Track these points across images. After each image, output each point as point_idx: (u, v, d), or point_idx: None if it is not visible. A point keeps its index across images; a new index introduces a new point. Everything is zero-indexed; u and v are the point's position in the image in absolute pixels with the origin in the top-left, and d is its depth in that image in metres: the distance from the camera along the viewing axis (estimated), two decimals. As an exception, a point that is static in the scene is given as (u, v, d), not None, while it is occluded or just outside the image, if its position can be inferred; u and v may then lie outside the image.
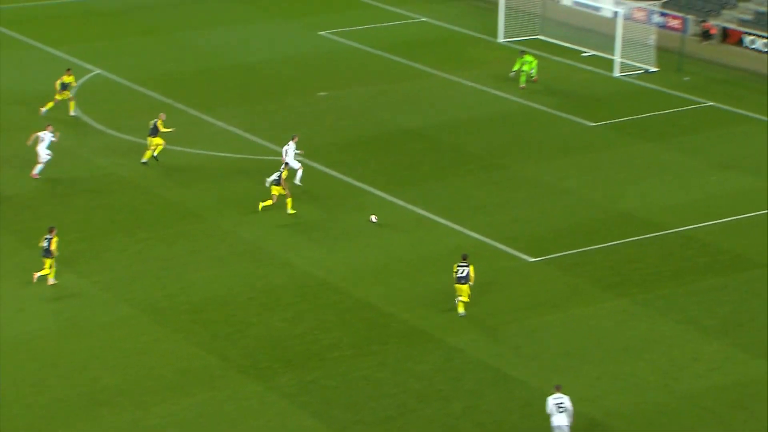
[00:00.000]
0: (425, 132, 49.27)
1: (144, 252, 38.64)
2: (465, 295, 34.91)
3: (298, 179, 43.00)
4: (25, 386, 31.46)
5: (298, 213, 41.27)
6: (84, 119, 49.24)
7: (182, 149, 46.22)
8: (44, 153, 43.21)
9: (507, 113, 51.60)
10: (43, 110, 48.63)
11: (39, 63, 56.86)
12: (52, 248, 35.89)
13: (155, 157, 44.94)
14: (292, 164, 42.84)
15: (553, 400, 29.14)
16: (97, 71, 55.55)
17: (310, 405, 30.93)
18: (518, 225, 40.77)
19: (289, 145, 43.00)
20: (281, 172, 41.16)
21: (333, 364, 32.53)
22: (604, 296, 36.20)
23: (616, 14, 57.85)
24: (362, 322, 34.67)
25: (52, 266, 36.12)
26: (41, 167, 43.45)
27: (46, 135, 43.33)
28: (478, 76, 55.87)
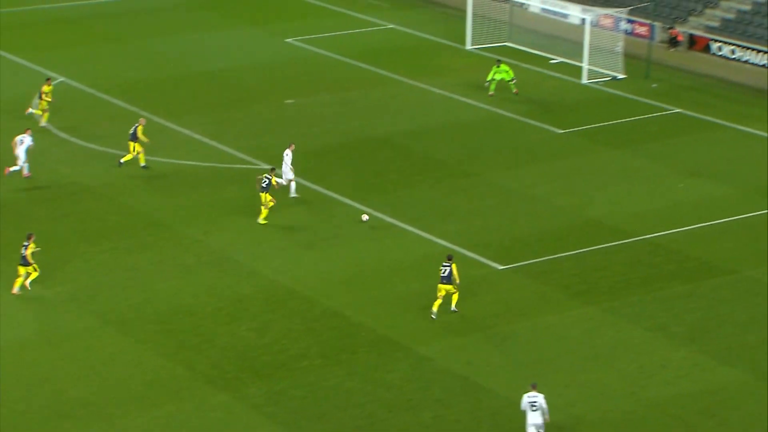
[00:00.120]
0: (393, 140, 49.17)
1: (109, 262, 38.37)
2: (442, 293, 35.01)
3: (293, 191, 42.79)
4: (-12, 399, 31.12)
5: (266, 222, 41.15)
6: (48, 127, 48.81)
7: (147, 158, 45.82)
8: (23, 155, 43.42)
9: (475, 121, 51.58)
10: (42, 123, 48.33)
11: (2, 71, 56.35)
12: (27, 255, 35.69)
13: (120, 162, 44.65)
14: (286, 174, 42.59)
15: (527, 398, 29.26)
16: (61, 79, 55.14)
17: (278, 415, 30.73)
18: (487, 232, 40.70)
19: (287, 154, 42.85)
20: (270, 178, 40.99)
21: (301, 373, 32.35)
22: (573, 304, 36.19)
23: (584, 21, 57.96)
24: (331, 331, 34.52)
25: (30, 273, 35.88)
26: (24, 167, 43.58)
27: (26, 138, 43.58)
28: (447, 84, 55.84)
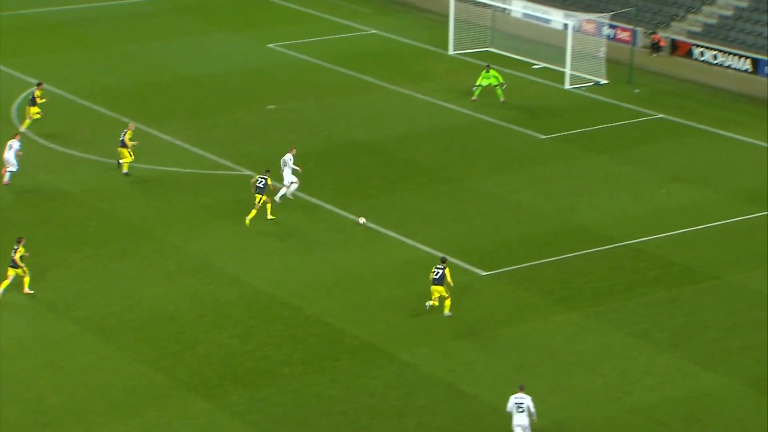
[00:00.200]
0: (376, 145, 49.05)
1: (89, 269, 38.14)
2: (436, 295, 35.07)
3: (290, 193, 42.68)
4: (-32, 407, 30.86)
5: (247, 228, 40.96)
6: (26, 133, 48.53)
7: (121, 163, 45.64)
8: (13, 160, 43.52)
9: (458, 126, 51.53)
10: (23, 131, 48.18)
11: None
12: (15, 258, 35.68)
13: (119, 163, 44.72)
14: (288, 178, 42.52)
15: (514, 399, 29.31)
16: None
17: (261, 423, 30.54)
18: (470, 238, 40.60)
19: (288, 157, 42.82)
20: (266, 179, 41.00)
21: (284, 381, 32.20)
22: (556, 310, 36.14)
23: (566, 27, 57.98)
24: (313, 337, 34.37)
25: (23, 275, 35.89)
26: (9, 174, 43.66)
27: (15, 143, 43.67)
28: (429, 89, 55.78)
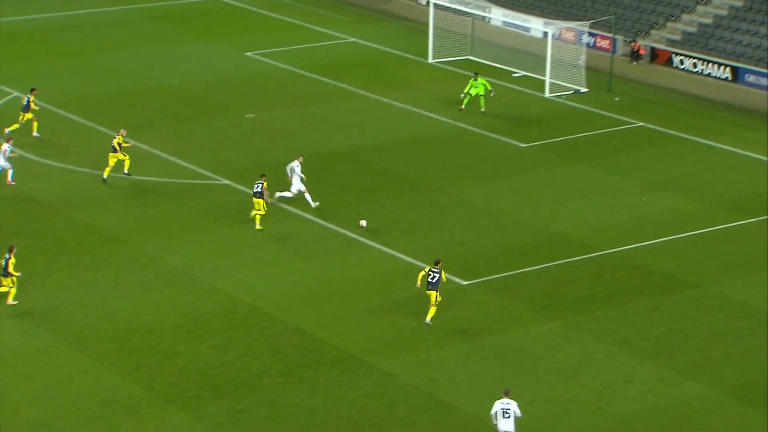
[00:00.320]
0: (355, 154, 48.89)
1: (65, 279, 37.88)
2: (433, 301, 35.19)
3: (310, 200, 42.73)
4: (-58, 420, 30.54)
5: (225, 237, 40.81)
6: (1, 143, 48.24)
7: (100, 173, 45.36)
8: (5, 163, 43.91)
9: (438, 135, 51.45)
10: (7, 133, 48.02)
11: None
12: (9, 268, 35.58)
13: (126, 173, 44.96)
14: (296, 185, 42.48)
15: (500, 405, 29.22)
16: (15, 94, 54.47)
17: (239, 435, 30.35)
18: (450, 247, 40.46)
19: (295, 164, 42.74)
20: (262, 183, 41.06)
21: (263, 391, 32.02)
22: (537, 319, 36.04)
23: (546, 35, 57.95)
24: (293, 348, 34.20)
25: (11, 286, 35.83)
26: (11, 173, 44.24)
27: (6, 147, 44.00)
28: (409, 98, 55.71)
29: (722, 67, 59.62)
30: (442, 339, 34.80)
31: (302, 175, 42.79)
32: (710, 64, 60.04)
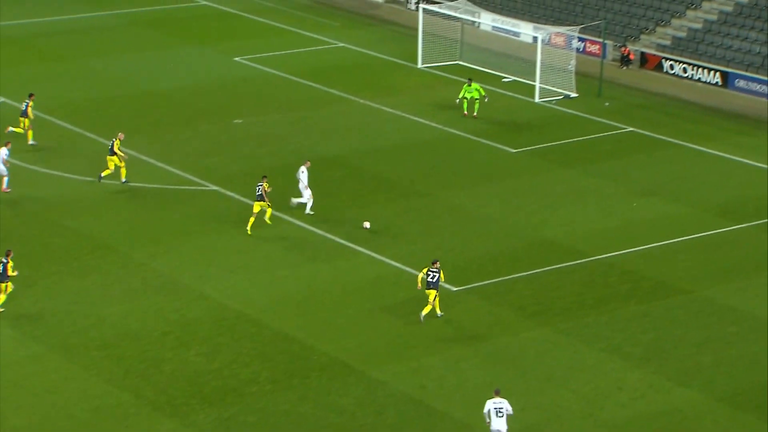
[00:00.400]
0: (345, 159, 48.75)
1: (53, 286, 37.67)
2: (431, 299, 35.30)
3: (310, 207, 42.79)
4: (-73, 429, 30.32)
5: (213, 244, 40.64)
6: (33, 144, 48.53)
7: (92, 179, 45.37)
8: (2, 168, 43.93)
9: (428, 140, 51.36)
10: (30, 141, 48.32)
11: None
12: (9, 272, 35.53)
13: (101, 177, 44.94)
14: (303, 192, 42.52)
15: (492, 404, 29.17)
16: (1, 100, 54.20)
17: (228, 443, 30.18)
18: (440, 253, 40.26)
19: (302, 171, 42.74)
20: (262, 185, 41.14)
21: (252, 399, 31.85)
22: (527, 325, 35.92)
23: (536, 40, 57.87)
24: (282, 355, 34.04)
25: (7, 289, 35.73)
26: (6, 180, 44.21)
27: (3, 151, 44.00)
28: (398, 103, 55.61)
29: (712, 72, 59.61)
30: (431, 346, 34.66)
31: (306, 183, 42.81)
32: (700, 69, 60.03)
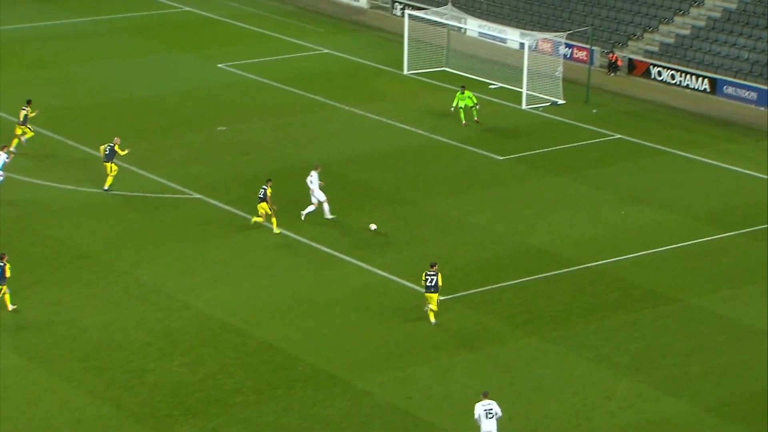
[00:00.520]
0: (330, 167, 48.34)
1: (33, 296, 37.29)
2: (434, 304, 35.20)
3: (328, 211, 42.68)
4: None
5: (196, 253, 40.35)
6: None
7: (74, 188, 45.14)
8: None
9: (414, 147, 51.15)
10: (13, 148, 47.98)
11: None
12: (6, 275, 35.44)
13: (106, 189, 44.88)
14: (318, 196, 42.49)
15: (481, 407, 29.07)
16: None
17: (211, 456, 29.89)
18: (427, 262, 39.77)
19: (313, 176, 42.67)
20: (266, 189, 41.05)
21: (236, 410, 31.56)
22: (515, 334, 35.67)
23: (522, 46, 57.65)
24: (266, 365, 33.76)
25: (5, 293, 35.66)
26: None
27: (4, 155, 44.07)
28: (384, 109, 55.43)
29: (700, 79, 59.44)
30: (418, 355, 34.38)
31: (321, 182, 42.71)
32: (688, 76, 59.86)
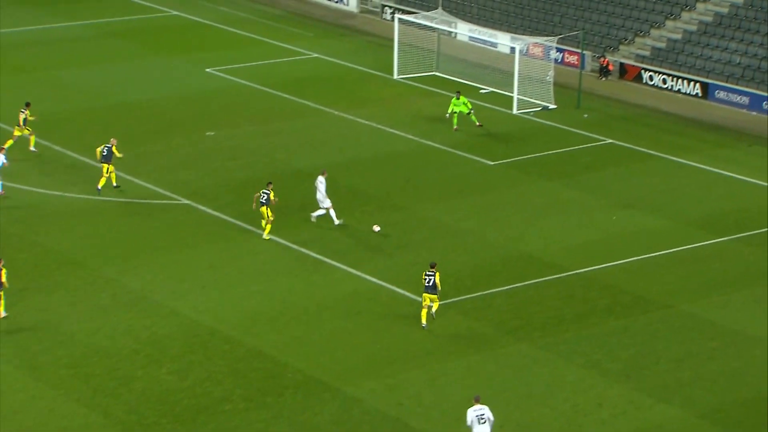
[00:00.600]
0: (319, 172, 48.05)
1: (19, 303, 37.01)
2: (433, 304, 35.24)
3: (335, 216, 42.58)
4: None
5: (185, 259, 40.16)
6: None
7: (61, 193, 44.97)
8: None
9: (404, 152, 50.99)
10: (6, 147, 47.66)
11: None
12: (3, 280, 35.28)
13: (107, 185, 44.77)
14: (323, 202, 42.39)
15: (473, 412, 29.01)
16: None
17: (199, 464, 29.73)
18: (417, 268, 39.77)
19: (320, 180, 42.55)
20: (268, 193, 41.05)
21: (225, 417, 31.39)
22: (506, 341, 35.52)
23: (513, 50, 57.48)
24: (255, 372, 33.57)
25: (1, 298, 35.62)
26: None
27: (2, 158, 44.15)
28: (374, 114, 55.26)
29: (692, 83, 59.34)
30: (408, 362, 34.21)
31: (324, 193, 42.61)
32: (680, 80, 59.77)
